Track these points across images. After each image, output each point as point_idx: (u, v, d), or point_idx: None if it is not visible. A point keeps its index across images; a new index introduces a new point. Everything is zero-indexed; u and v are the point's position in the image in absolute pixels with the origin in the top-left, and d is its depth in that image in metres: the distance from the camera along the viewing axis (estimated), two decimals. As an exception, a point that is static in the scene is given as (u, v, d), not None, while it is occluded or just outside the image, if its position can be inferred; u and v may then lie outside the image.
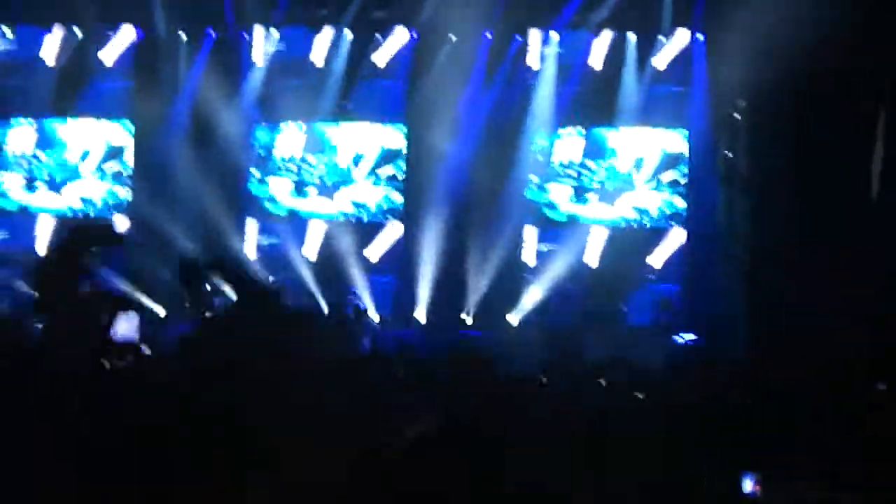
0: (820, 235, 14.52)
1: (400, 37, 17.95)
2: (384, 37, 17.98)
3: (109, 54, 18.17)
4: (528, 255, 17.76)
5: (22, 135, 18.31)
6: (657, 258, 17.55)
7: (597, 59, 17.70)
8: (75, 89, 18.35)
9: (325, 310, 16.86)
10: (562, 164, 17.75)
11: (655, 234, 17.61)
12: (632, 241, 17.57)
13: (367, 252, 17.78)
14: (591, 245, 17.61)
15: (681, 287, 17.40)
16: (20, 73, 18.34)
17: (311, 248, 17.94)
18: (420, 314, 17.27)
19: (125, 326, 14.24)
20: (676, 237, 17.47)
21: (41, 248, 17.99)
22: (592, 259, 17.61)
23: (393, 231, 17.93)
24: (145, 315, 15.22)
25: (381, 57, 18.03)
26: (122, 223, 13.46)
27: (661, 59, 17.57)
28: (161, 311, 16.66)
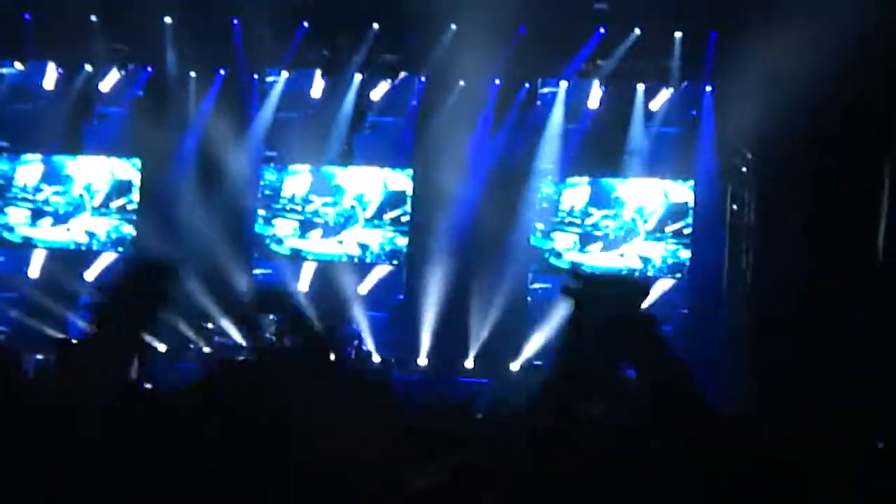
0: (825, 290, 14.46)
1: (409, 81, 18.03)
2: (393, 81, 18.05)
3: (118, 91, 18.24)
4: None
5: (30, 170, 18.36)
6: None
7: (605, 108, 17.77)
8: (83, 125, 18.43)
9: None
10: (568, 212, 17.76)
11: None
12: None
13: (360, 288, 17.76)
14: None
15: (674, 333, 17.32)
16: (29, 108, 18.40)
17: (304, 284, 17.94)
18: (422, 359, 17.23)
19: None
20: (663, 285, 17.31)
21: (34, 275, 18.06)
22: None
23: (382, 271, 17.95)
24: (146, 353, 15.18)
25: (390, 101, 18.11)
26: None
27: (668, 110, 17.63)
28: (161, 348, 16.63)
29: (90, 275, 17.92)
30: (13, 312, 17.70)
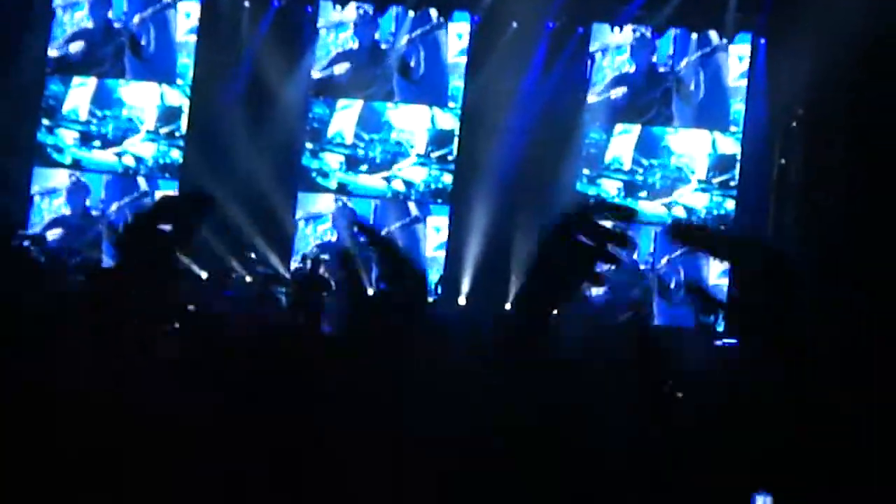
0: (870, 246, 14.39)
1: (462, 20, 18.00)
2: (447, 19, 18.00)
3: (172, 17, 18.29)
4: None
5: (81, 92, 18.45)
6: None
7: (658, 56, 17.68)
8: (135, 50, 18.47)
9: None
10: (615, 159, 17.75)
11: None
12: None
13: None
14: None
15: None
16: (83, 32, 18.47)
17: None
18: (461, 297, 17.32)
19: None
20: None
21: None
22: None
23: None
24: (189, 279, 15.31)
25: (442, 39, 18.08)
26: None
27: (721, 61, 17.52)
28: (203, 275, 16.74)
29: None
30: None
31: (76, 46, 18.45)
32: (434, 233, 18.05)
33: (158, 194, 15.97)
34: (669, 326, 17.16)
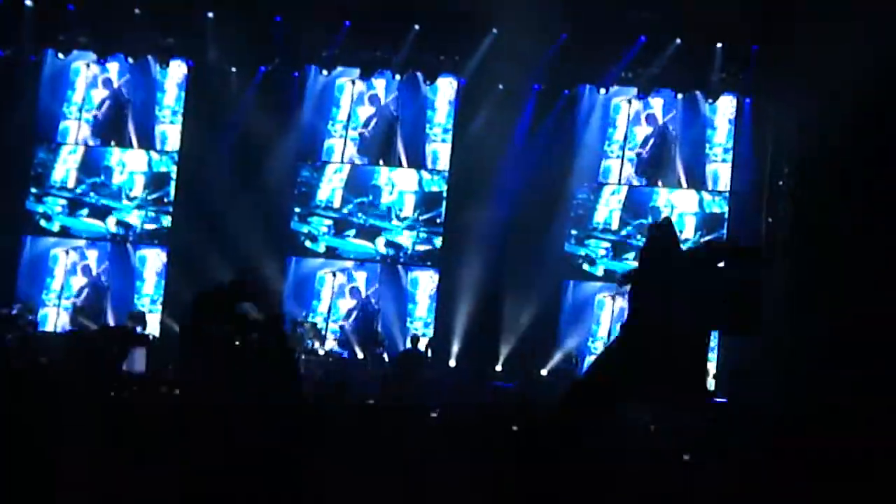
0: (860, 308, 14.34)
1: (448, 83, 18.10)
2: (433, 82, 18.10)
3: (159, 84, 18.38)
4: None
5: (69, 160, 18.47)
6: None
7: (643, 117, 17.80)
8: (123, 117, 18.51)
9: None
10: (603, 220, 17.79)
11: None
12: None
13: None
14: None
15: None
16: (74, 99, 18.52)
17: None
18: (452, 360, 17.25)
19: (136, 359, 14.24)
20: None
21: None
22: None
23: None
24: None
25: (428, 101, 18.17)
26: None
27: (706, 121, 17.64)
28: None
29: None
30: None
31: (65, 114, 18.52)
32: (423, 294, 18.05)
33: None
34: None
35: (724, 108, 17.71)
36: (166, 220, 18.31)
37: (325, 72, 18.18)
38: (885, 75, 13.23)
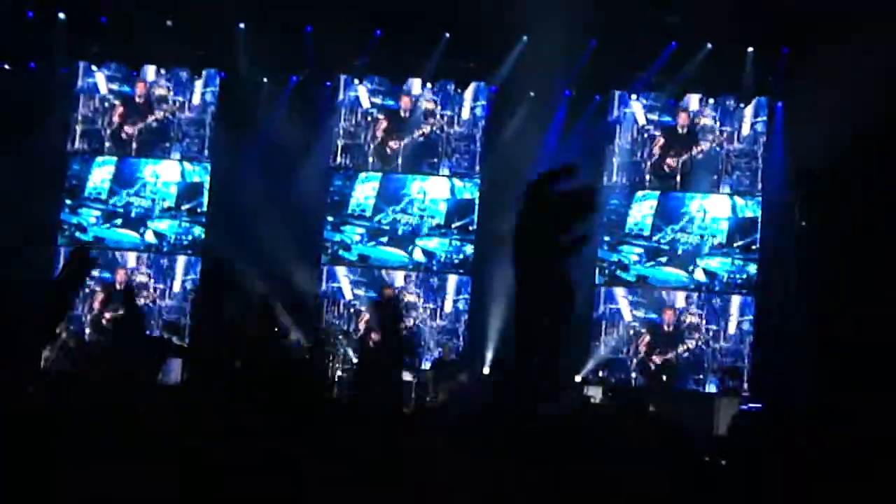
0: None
1: (479, 90, 18.13)
2: (463, 90, 18.14)
3: (191, 95, 18.49)
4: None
5: (102, 172, 18.62)
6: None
7: (675, 122, 17.77)
8: (156, 128, 18.64)
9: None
10: (635, 225, 17.76)
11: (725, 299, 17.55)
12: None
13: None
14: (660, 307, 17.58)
15: (749, 353, 17.27)
16: (107, 111, 18.67)
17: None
18: (485, 367, 17.26)
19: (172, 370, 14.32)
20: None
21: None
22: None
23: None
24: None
25: (460, 109, 18.20)
26: None
27: (739, 125, 17.59)
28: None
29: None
30: None
31: (97, 126, 18.67)
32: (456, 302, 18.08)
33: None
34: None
35: (756, 112, 17.64)
36: (199, 231, 18.41)
37: (356, 80, 18.25)
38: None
